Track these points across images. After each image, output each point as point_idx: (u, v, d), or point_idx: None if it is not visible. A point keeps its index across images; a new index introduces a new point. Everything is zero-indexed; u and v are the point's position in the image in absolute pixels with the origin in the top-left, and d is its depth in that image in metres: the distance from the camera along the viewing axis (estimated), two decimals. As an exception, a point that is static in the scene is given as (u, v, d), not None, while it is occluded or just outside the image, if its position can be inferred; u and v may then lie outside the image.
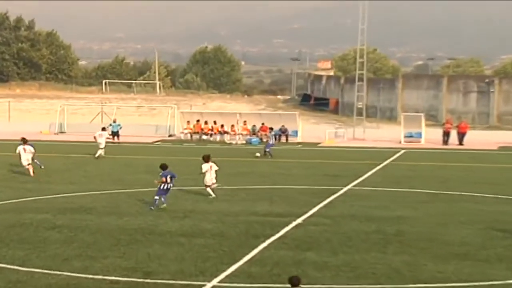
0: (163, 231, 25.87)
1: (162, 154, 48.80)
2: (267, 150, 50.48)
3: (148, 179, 34.81)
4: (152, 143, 61.04)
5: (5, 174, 38.47)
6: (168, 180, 30.28)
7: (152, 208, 29.78)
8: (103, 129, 51.09)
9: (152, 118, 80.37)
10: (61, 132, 67.24)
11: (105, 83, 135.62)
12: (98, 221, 27.47)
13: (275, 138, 56.92)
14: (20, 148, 39.64)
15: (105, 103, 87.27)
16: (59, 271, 20.46)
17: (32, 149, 39.68)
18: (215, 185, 33.22)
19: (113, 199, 32.48)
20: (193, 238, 24.74)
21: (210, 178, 32.86)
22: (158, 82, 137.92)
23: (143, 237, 24.84)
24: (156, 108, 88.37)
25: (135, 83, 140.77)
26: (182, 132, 65.03)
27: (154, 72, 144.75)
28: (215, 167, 33.01)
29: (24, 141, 40.35)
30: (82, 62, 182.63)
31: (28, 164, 39.16)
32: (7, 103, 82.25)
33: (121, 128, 61.36)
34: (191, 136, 64.41)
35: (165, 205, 30.16)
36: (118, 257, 22.13)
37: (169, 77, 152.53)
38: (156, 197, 30.12)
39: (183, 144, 60.28)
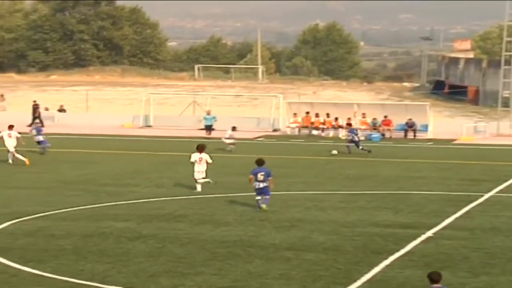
0: (266, 243, 25.95)
1: (264, 152, 48.88)
2: (349, 146, 52.14)
3: (248, 182, 34.96)
4: (253, 139, 61.32)
5: (82, 175, 39.26)
6: (260, 178, 30.70)
7: (258, 209, 30.96)
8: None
9: (254, 110, 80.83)
10: (147, 126, 68.21)
11: (198, 68, 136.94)
12: (189, 231, 27.74)
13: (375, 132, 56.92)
14: (4, 134, 43.97)
15: (198, 91, 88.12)
16: (140, 288, 20.82)
17: (18, 135, 44.49)
18: (203, 180, 34.04)
19: (207, 205, 32.75)
20: (302, 252, 24.73)
21: (197, 171, 34.39)
22: (260, 67, 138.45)
23: (242, 250, 24.97)
24: (258, 98, 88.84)
25: (233, 68, 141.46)
26: (289, 127, 65.19)
27: (256, 55, 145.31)
28: (207, 160, 34.34)
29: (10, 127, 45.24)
30: (171, 43, 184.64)
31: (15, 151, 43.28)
32: (85, 92, 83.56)
33: (216, 121, 61.82)
34: (299, 130, 64.50)
35: (264, 205, 30.93)
36: (213, 274, 22.30)
37: (274, 61, 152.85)
38: (258, 197, 31.15)
39: (290, 140, 60.39)
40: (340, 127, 63.32)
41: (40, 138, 49.52)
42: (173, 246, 25.50)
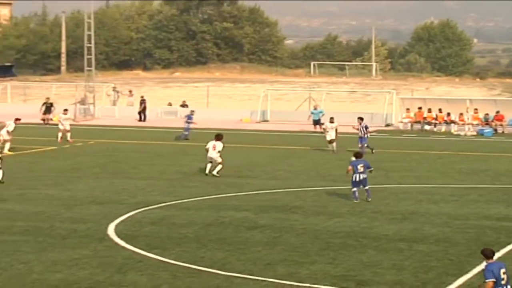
0: (379, 235, 25.91)
1: (377, 146, 48.55)
2: (364, 145, 46.37)
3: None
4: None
5: (203, 168, 39.70)
6: (360, 169, 30.91)
7: (356, 200, 31.03)
8: None
9: (367, 105, 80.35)
10: (264, 121, 68.55)
11: (314, 65, 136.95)
12: (304, 222, 27.87)
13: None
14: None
15: (313, 87, 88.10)
16: (261, 276, 20.94)
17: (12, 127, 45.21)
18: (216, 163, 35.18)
19: (321, 197, 32.82)
20: (414, 243, 24.62)
21: (209, 156, 36.48)
22: (374, 64, 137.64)
23: (356, 241, 24.98)
24: (371, 94, 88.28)
25: (348, 65, 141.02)
26: (401, 122, 64.71)
27: (369, 53, 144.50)
28: (219, 148, 35.88)
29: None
30: (288, 41, 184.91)
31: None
32: (206, 88, 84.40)
33: (323, 115, 61.52)
34: (412, 125, 63.93)
35: (370, 199, 31.18)
36: (327, 263, 22.37)
37: (388, 60, 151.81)
38: (354, 189, 31.18)
39: (402, 135, 59.96)
40: (453, 122, 62.52)
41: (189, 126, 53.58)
42: (289, 236, 25.65)
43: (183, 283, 20.35)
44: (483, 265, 16.67)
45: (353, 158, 31.79)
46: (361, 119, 47.29)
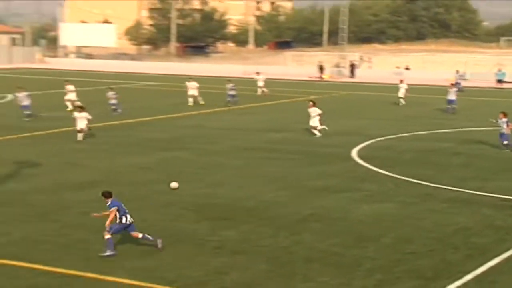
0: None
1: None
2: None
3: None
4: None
5: (412, 113, 38.44)
6: None
7: None
8: None
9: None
10: (464, 79, 65.92)
11: (503, 40, 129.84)
12: (492, 151, 26.88)
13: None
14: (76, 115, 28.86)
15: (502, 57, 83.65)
16: (456, 187, 20.50)
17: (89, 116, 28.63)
18: (321, 127, 30.42)
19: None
20: None
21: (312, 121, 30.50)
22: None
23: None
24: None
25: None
26: None
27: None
28: (317, 112, 30.47)
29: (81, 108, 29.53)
30: (485, 23, 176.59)
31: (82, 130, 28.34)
32: (421, 57, 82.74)
33: (505, 76, 58.36)
34: None
35: None
36: (507, 179, 21.59)
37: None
38: None
39: None
40: None
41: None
42: (479, 160, 24.88)
43: (404, 190, 20.32)
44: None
45: None
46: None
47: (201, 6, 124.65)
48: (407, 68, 71.27)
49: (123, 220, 14.18)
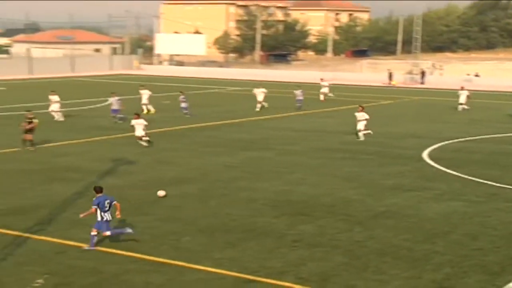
0: None
1: None
2: None
3: None
4: None
5: (488, 119, 37.54)
6: None
7: None
8: None
9: None
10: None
11: None
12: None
13: None
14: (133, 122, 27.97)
15: None
16: (525, 189, 19.89)
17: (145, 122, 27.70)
18: (366, 131, 28.71)
19: None
20: None
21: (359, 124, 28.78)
22: None
23: None
24: None
25: None
26: None
27: None
28: (365, 117, 28.69)
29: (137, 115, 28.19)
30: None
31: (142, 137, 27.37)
32: (493, 64, 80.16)
33: None
34: None
35: None
36: None
37: None
38: None
39: None
40: None
41: None
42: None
43: (471, 189, 19.79)
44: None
45: None
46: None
47: (284, 17, 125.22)
48: (476, 75, 69.30)
49: (104, 218, 13.98)
